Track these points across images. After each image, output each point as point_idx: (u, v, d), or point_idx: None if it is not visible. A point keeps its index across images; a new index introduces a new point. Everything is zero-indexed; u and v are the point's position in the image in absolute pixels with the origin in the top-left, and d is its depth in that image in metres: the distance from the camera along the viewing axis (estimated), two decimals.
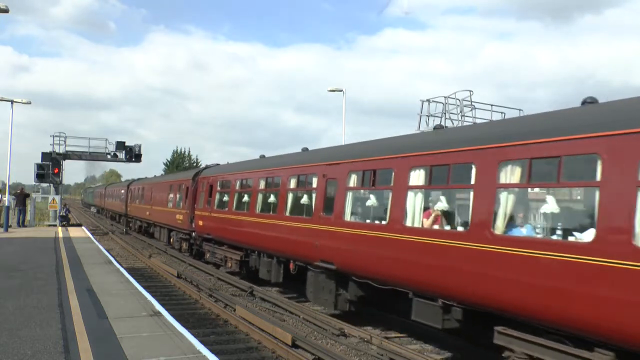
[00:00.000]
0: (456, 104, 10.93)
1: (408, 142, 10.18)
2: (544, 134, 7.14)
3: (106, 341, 7.91)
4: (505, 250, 7.31)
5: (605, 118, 6.63)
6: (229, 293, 15.40)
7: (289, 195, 13.78)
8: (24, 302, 10.43)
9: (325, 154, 13.08)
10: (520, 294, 7.07)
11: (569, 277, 6.42)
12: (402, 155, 9.71)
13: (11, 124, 32.80)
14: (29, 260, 16.81)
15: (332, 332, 11.21)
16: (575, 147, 6.69)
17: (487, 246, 7.59)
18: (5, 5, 22.89)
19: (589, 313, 6.24)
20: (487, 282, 7.54)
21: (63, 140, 35.45)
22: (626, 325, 5.86)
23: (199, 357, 7.34)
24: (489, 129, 8.85)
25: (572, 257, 6.43)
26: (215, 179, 20.08)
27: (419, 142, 9.85)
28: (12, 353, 7.21)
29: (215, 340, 10.48)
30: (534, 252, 6.87)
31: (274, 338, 10.35)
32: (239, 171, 18.26)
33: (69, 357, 7.11)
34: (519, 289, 7.08)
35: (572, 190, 8.31)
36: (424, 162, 9.15)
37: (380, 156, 10.41)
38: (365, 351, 9.99)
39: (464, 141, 8.48)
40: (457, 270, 8.04)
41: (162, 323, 9.20)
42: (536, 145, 7.17)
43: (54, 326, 8.67)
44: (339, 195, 11.31)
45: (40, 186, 39.37)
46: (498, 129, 8.48)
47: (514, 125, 8.41)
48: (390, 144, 10.61)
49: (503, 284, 7.31)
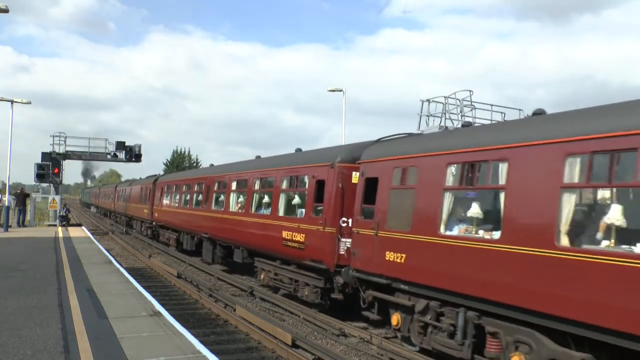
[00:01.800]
0: (456, 104, 10.92)
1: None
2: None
3: (106, 341, 7.92)
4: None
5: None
6: (229, 293, 15.40)
7: (194, 194, 23.22)
8: (24, 302, 10.43)
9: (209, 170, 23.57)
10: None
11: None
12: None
13: (11, 124, 32.86)
14: (29, 260, 16.82)
15: (332, 332, 11.21)
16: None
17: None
18: (5, 5, 22.90)
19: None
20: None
21: (63, 140, 35.48)
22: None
23: (199, 357, 7.34)
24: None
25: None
26: (164, 184, 29.25)
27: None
28: (12, 353, 7.21)
29: (215, 340, 10.48)
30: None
31: (274, 338, 10.35)
32: (174, 179, 28.21)
33: (69, 357, 7.11)
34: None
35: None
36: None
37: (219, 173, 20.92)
38: (365, 351, 9.99)
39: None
40: (244, 232, 16.84)
41: (162, 323, 9.20)
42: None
43: (54, 326, 8.68)
44: (210, 195, 20.68)
45: (40, 186, 39.36)
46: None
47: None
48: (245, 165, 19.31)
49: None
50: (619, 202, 6.49)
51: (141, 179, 41.19)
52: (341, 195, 11.86)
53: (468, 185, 8.59)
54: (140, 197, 34.79)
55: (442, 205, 8.76)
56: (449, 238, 8.58)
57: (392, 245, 9.82)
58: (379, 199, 10.47)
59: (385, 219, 10.16)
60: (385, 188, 10.35)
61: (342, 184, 11.90)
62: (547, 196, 7.00)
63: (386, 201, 10.24)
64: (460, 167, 8.64)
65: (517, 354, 7.35)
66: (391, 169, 10.25)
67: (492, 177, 8.20)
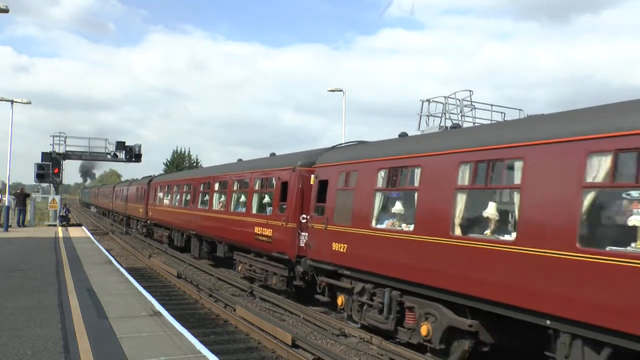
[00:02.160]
0: (456, 104, 10.93)
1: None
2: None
3: (106, 341, 7.92)
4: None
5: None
6: (229, 293, 15.40)
7: (183, 194, 24.67)
8: (24, 302, 10.43)
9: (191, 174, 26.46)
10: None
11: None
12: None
13: (11, 124, 32.89)
14: (29, 260, 16.82)
15: (332, 332, 11.21)
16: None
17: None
18: (5, 5, 22.90)
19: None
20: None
21: (63, 140, 35.48)
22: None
23: (199, 357, 7.34)
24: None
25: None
26: (157, 184, 30.92)
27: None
28: (12, 353, 7.21)
29: (215, 340, 10.48)
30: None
31: (274, 338, 10.35)
32: (166, 180, 29.85)
33: (69, 357, 7.11)
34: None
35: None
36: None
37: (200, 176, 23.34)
38: (365, 351, 9.98)
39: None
40: (225, 229, 18.41)
41: (162, 323, 9.20)
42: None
43: (54, 326, 8.68)
44: (197, 195, 22.29)
45: (40, 186, 39.41)
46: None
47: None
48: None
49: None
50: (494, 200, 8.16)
51: (137, 179, 42.18)
52: (301, 195, 13.52)
53: (391, 186, 10.28)
54: (137, 197, 36.05)
55: (374, 204, 10.47)
56: (378, 230, 10.27)
57: (337, 237, 11.57)
58: (328, 198, 12.15)
59: (332, 215, 11.89)
60: (333, 189, 12.04)
61: (302, 185, 13.53)
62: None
63: (333, 200, 11.96)
64: (387, 171, 10.28)
65: (426, 324, 9.12)
66: (337, 172, 11.95)
67: (409, 180, 9.86)
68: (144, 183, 34.66)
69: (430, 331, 8.98)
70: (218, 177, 20.21)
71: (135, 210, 36.30)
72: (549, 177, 7.02)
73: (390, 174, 10.22)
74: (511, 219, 7.80)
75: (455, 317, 8.59)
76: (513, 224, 7.65)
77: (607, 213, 6.83)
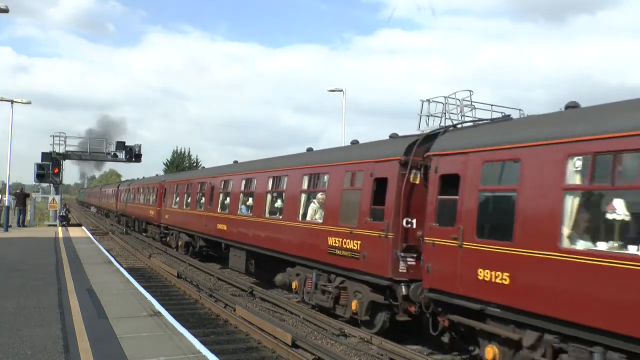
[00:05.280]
0: (456, 104, 10.92)
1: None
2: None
3: (106, 341, 7.91)
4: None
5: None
6: (229, 293, 15.40)
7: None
8: (24, 302, 10.43)
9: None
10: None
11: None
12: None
13: (11, 124, 32.81)
14: (29, 260, 16.82)
15: (332, 332, 11.21)
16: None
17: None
18: (5, 5, 22.90)
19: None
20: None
21: (63, 140, 35.49)
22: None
23: (199, 357, 7.34)
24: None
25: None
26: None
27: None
28: (12, 353, 7.21)
29: (215, 340, 10.48)
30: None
31: (274, 338, 10.35)
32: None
33: (69, 357, 7.11)
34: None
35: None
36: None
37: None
38: (365, 351, 9.99)
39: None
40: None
41: (162, 323, 9.20)
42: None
43: (54, 326, 8.68)
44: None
45: (40, 186, 39.50)
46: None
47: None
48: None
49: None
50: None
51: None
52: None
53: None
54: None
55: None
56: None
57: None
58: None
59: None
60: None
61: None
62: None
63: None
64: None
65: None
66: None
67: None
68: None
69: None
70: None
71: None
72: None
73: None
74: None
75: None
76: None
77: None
